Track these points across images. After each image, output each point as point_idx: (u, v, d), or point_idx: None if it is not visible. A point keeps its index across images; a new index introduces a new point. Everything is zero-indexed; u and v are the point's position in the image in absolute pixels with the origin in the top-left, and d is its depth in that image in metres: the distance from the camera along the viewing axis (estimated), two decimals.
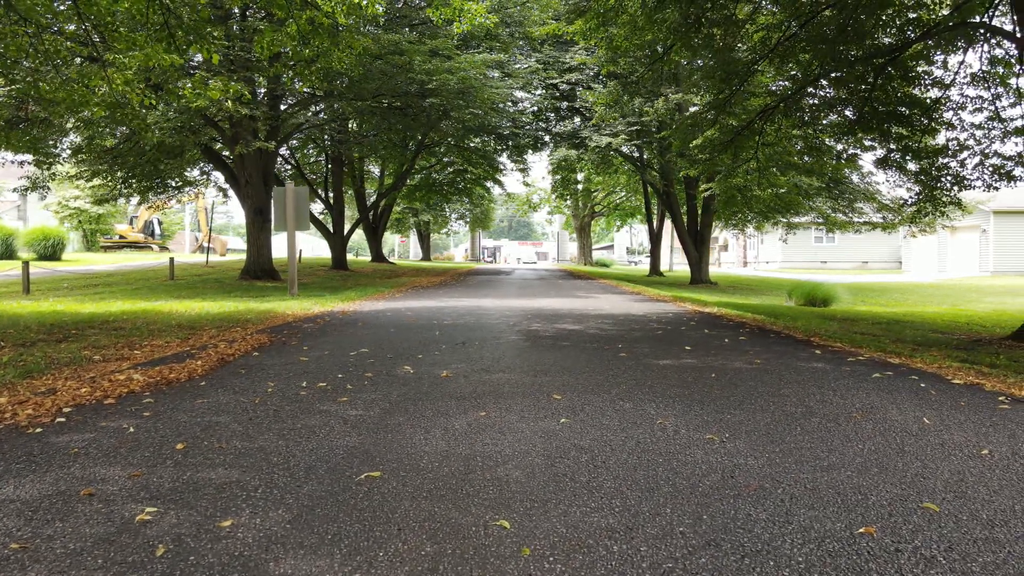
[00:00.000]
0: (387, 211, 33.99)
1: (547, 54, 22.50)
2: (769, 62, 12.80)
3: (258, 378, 4.64)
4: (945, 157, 12.70)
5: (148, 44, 8.13)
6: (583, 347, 6.36)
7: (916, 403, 4.12)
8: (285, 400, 3.99)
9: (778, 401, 4.13)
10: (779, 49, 12.19)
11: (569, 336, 7.15)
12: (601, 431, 3.41)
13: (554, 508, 2.37)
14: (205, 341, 6.38)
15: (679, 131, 14.78)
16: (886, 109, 12.39)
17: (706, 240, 24.45)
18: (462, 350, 6.06)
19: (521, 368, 5.19)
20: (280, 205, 12.68)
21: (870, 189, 22.97)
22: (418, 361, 5.45)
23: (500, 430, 3.40)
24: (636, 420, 3.63)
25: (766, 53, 12.44)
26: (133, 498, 2.38)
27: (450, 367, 5.19)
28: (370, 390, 4.32)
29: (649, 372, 5.06)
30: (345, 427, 3.42)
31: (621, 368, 5.23)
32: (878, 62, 11.69)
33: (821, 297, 15.47)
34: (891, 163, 13.60)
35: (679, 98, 18.15)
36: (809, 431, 3.46)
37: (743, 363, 5.52)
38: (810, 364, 5.54)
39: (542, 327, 7.89)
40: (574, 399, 4.11)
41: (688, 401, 4.09)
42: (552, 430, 3.41)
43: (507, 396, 4.18)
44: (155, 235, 45.26)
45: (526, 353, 5.96)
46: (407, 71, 15.88)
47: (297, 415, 3.64)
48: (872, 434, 3.41)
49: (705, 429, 3.46)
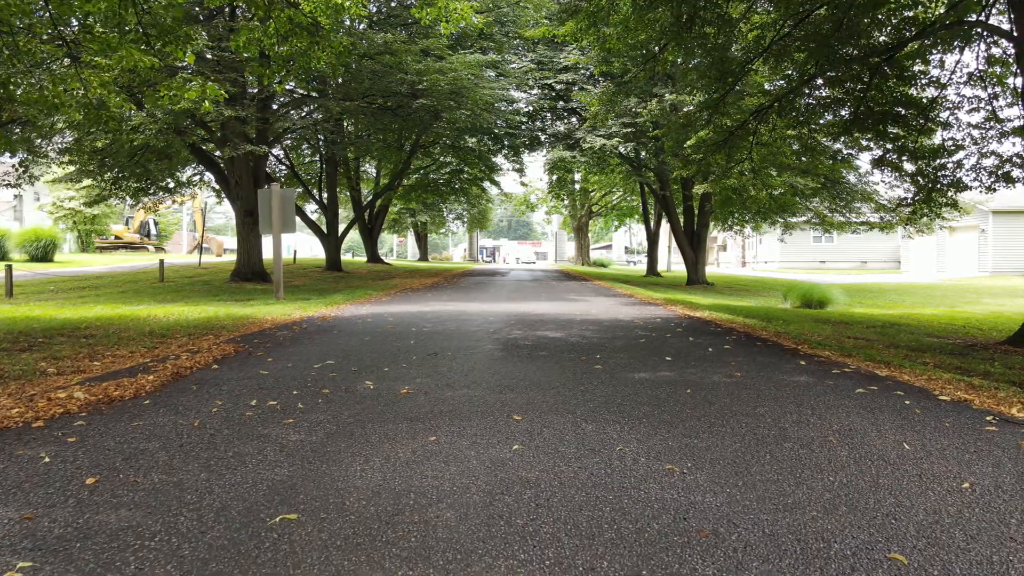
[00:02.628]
0: (383, 211, 33.75)
1: (541, 54, 22.27)
2: (763, 61, 12.58)
3: (207, 396, 4.41)
4: (942, 158, 12.48)
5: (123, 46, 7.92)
6: (559, 358, 6.11)
7: (898, 424, 3.88)
8: (227, 423, 3.75)
9: (751, 422, 3.88)
10: (773, 49, 11.96)
11: (548, 345, 6.90)
12: (554, 460, 3.17)
13: (477, 562, 2.13)
14: (172, 351, 6.16)
15: (672, 131, 14.54)
16: (882, 109, 12.17)
17: (703, 241, 24.19)
18: (432, 362, 5.82)
19: (488, 383, 4.95)
20: (265, 206, 12.45)
21: (867, 189, 22.71)
22: (382, 375, 5.20)
23: (446, 459, 3.16)
24: (595, 446, 3.39)
25: (760, 52, 12.22)
26: (11, 549, 2.15)
27: (414, 382, 4.95)
28: (321, 409, 4.08)
29: (621, 387, 4.81)
30: (279, 456, 3.18)
31: (593, 383, 4.99)
32: (874, 61, 11.45)
33: (817, 299, 15.23)
34: (887, 163, 13.37)
35: (674, 99, 17.89)
36: (779, 459, 3.22)
37: (722, 376, 5.27)
38: (793, 377, 5.29)
39: (522, 335, 7.65)
40: (535, 420, 3.87)
41: (656, 422, 3.85)
42: (501, 459, 3.17)
43: (464, 417, 3.94)
44: (151, 236, 45.11)
45: (498, 365, 5.72)
46: (397, 71, 15.65)
47: (233, 441, 3.40)
48: (847, 462, 3.17)
49: (667, 457, 3.22)
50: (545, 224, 71.68)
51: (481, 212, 52.58)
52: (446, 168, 33.20)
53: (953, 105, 12.32)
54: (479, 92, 16.67)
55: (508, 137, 24.77)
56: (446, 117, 16.42)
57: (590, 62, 17.36)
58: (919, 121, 12.15)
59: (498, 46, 20.04)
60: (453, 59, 15.89)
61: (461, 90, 16.42)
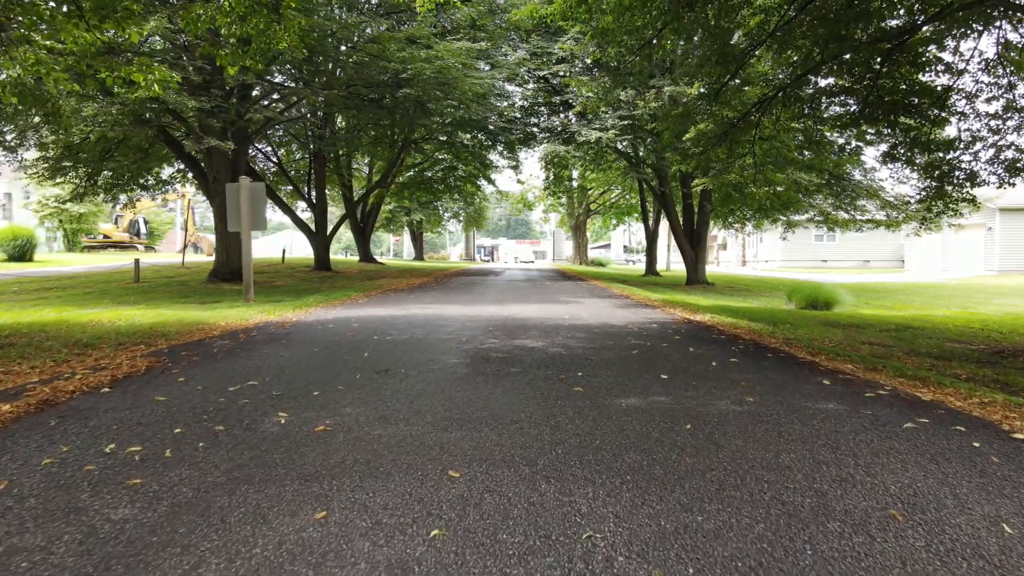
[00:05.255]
0: (375, 209, 32.93)
1: (535, 45, 21.45)
2: (767, 48, 11.81)
3: (57, 437, 3.46)
4: (956, 150, 11.72)
5: (56, 19, 7.14)
6: (533, 376, 5.20)
7: (977, 483, 2.92)
8: (51, 482, 2.83)
9: (776, 481, 2.94)
10: (778, 35, 11.21)
11: (523, 358, 6.03)
12: (483, 561, 2.21)
13: None
14: (78, 366, 5.32)
15: (670, 122, 13.73)
16: (893, 98, 11.40)
17: (703, 239, 23.38)
18: (377, 383, 4.89)
19: (434, 415, 4.01)
20: (234, 202, 11.63)
21: (873, 186, 21.91)
22: (306, 403, 4.25)
23: (320, 557, 2.22)
24: (552, 530, 2.43)
25: (763, 39, 11.46)
26: None
27: (341, 413, 4.01)
28: (193, 461, 3.11)
29: (603, 421, 3.91)
30: (78, 550, 2.24)
31: (568, 413, 4.07)
32: (884, 47, 10.67)
33: (823, 300, 14.46)
34: (898, 157, 12.58)
35: (672, 90, 17.08)
36: (826, 556, 2.25)
37: (731, 402, 4.39)
38: (818, 404, 4.37)
39: (497, 345, 6.79)
40: (476, 480, 2.93)
41: (645, 482, 2.92)
42: (405, 562, 2.20)
43: (381, 474, 2.99)
44: (140, 235, 44.29)
45: (456, 388, 4.79)
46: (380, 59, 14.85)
47: (26, 523, 2.44)
48: (925, 560, 2.23)
49: (658, 553, 2.27)
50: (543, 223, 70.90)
51: (477, 211, 51.80)
52: (439, 165, 32.40)
53: (969, 94, 11.53)
54: (468, 82, 15.86)
55: (502, 132, 23.97)
56: (433, 108, 15.57)
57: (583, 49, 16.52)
58: (933, 111, 11.38)
59: (490, 36, 19.22)
60: (440, 47, 15.08)
61: (449, 80, 15.62)
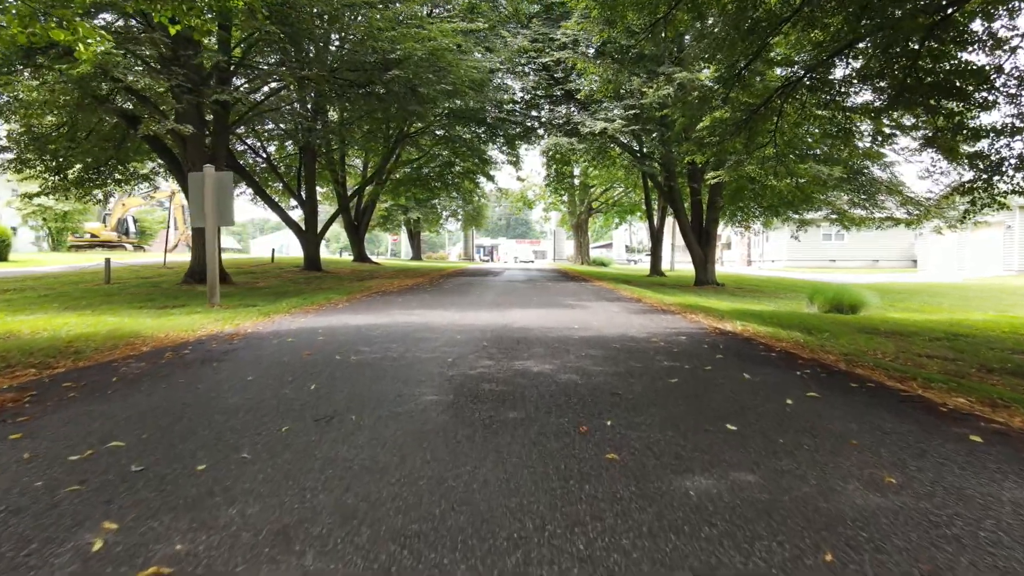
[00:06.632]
0: (370, 208, 31.61)
1: (536, 31, 20.16)
2: (792, 25, 10.57)
3: None
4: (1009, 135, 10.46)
5: None
6: (541, 428, 3.57)
7: None
8: None
9: None
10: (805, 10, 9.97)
11: (526, 393, 4.37)
12: None
13: None
14: None
15: (685, 107, 12.46)
16: (933, 80, 10.14)
17: (712, 237, 22.08)
18: (306, 442, 3.27)
19: (373, 525, 2.29)
20: (197, 193, 10.34)
21: (894, 181, 20.59)
22: (169, 494, 2.58)
23: None
24: None
25: (788, 16, 10.23)
26: None
27: (212, 524, 2.29)
28: None
29: (666, 534, 2.24)
30: None
31: (606, 516, 2.36)
32: (925, 22, 9.40)
33: (848, 303, 13.21)
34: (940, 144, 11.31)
35: (683, 77, 15.78)
36: None
37: (862, 486, 2.74)
38: (1003, 492, 2.71)
39: (492, 369, 5.25)
40: None
41: None
42: None
43: None
44: (129, 233, 42.99)
45: (423, 453, 3.12)
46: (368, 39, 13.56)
47: None
48: None
49: None
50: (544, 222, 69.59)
51: (476, 209, 50.57)
52: (436, 161, 31.10)
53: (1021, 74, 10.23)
54: (463, 67, 14.57)
55: (501, 125, 22.68)
56: (425, 92, 14.25)
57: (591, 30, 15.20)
58: (981, 93, 10.13)
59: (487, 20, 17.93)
60: (432, 27, 13.78)
61: (443, 65, 14.34)
